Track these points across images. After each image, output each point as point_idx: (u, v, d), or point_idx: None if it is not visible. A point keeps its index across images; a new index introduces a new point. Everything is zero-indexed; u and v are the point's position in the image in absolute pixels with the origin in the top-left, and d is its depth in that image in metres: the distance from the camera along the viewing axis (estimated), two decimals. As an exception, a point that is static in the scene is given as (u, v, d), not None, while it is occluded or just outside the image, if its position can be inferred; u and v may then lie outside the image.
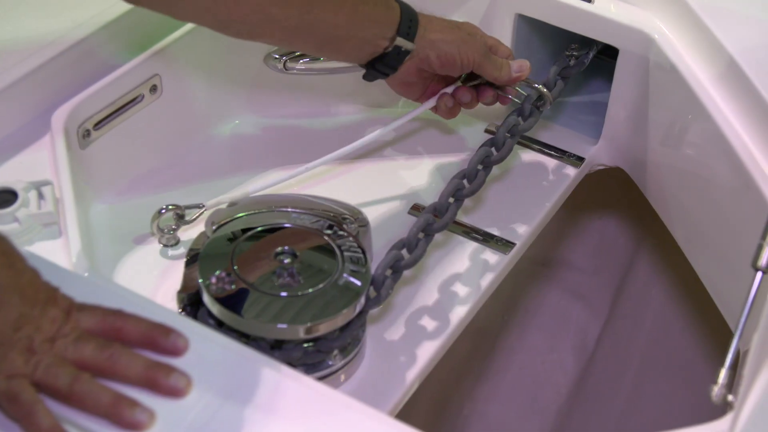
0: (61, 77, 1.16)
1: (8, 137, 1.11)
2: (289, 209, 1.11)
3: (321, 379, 1.02)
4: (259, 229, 1.08)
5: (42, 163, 1.08)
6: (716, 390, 0.89)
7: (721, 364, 0.91)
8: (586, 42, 1.34)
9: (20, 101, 1.12)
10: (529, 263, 1.69)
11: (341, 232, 1.08)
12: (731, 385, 0.90)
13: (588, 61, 1.35)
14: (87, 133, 1.16)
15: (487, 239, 1.24)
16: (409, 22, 1.13)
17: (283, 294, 1.00)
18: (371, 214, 1.17)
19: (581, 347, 1.77)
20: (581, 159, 1.37)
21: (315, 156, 1.34)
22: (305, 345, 1.00)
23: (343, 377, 1.05)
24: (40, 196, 1.03)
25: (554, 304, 1.81)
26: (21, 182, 1.03)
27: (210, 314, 1.00)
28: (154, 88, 1.24)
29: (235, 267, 1.02)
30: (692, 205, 1.24)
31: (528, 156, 1.38)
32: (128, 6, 1.07)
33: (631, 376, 1.70)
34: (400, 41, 1.12)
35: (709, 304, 1.21)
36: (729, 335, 0.95)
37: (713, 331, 1.56)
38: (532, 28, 1.38)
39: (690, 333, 1.66)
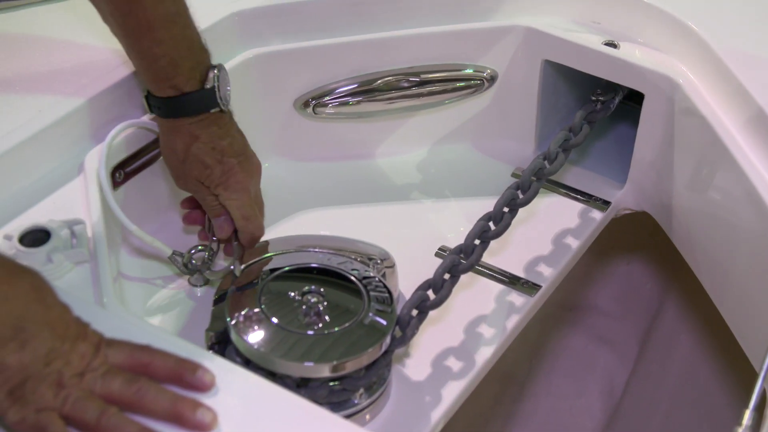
0: (95, 119, 1.18)
1: (43, 177, 1.13)
2: (317, 249, 1.13)
3: (346, 417, 1.02)
4: (287, 268, 1.09)
5: (75, 203, 1.10)
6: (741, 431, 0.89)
7: (746, 405, 0.91)
8: (612, 87, 1.35)
9: (55, 142, 1.14)
10: (555, 307, 1.70)
11: (368, 272, 1.09)
12: (756, 426, 0.90)
13: (614, 106, 1.36)
14: (119, 174, 1.18)
15: (512, 281, 1.24)
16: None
17: (310, 332, 1.01)
18: (398, 254, 1.18)
19: (609, 392, 1.76)
20: (607, 203, 1.37)
21: (343, 198, 1.36)
22: (331, 383, 1.01)
23: (368, 416, 1.05)
24: (73, 235, 1.04)
25: (581, 348, 1.80)
26: (54, 221, 1.04)
27: (237, 352, 1.02)
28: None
29: (263, 306, 1.03)
30: (718, 249, 1.24)
31: (554, 199, 1.38)
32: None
33: (658, 420, 1.69)
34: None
35: (737, 348, 1.20)
36: (755, 378, 0.95)
37: (741, 375, 1.55)
38: (558, 73, 1.39)
39: (718, 377, 1.65)
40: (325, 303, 1.04)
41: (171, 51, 1.09)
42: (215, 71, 1.12)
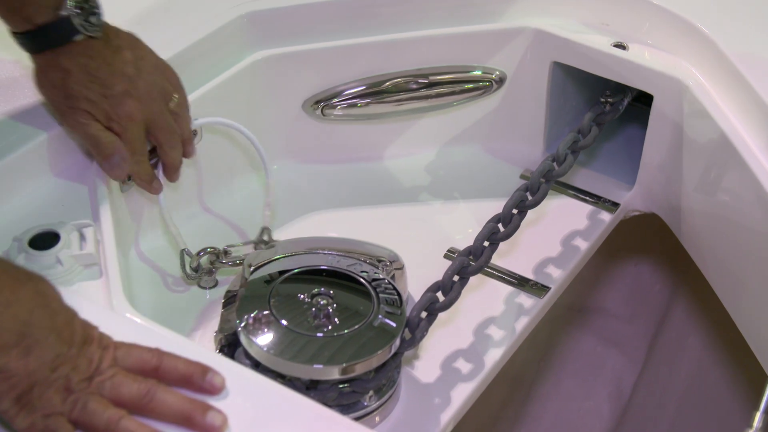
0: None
1: (52, 180, 1.13)
2: (326, 251, 1.13)
3: (356, 419, 1.02)
4: (296, 271, 1.09)
5: (84, 206, 1.10)
6: (751, 434, 0.89)
7: (756, 408, 0.91)
8: (620, 89, 1.35)
9: (64, 145, 1.14)
10: (564, 309, 1.69)
11: (377, 275, 1.09)
12: (766, 428, 0.90)
13: (623, 108, 1.36)
14: (128, 177, 1.18)
15: (521, 283, 1.24)
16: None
17: (319, 335, 1.01)
18: (407, 256, 1.17)
19: (617, 395, 1.76)
20: (616, 204, 1.37)
21: (351, 200, 1.36)
22: (340, 386, 1.01)
23: (377, 418, 1.05)
24: (82, 237, 1.04)
25: (590, 350, 1.80)
26: (63, 224, 1.04)
27: (247, 354, 1.01)
28: (193, 134, 1.25)
29: (272, 308, 1.03)
30: (728, 251, 1.24)
31: (563, 201, 1.38)
32: (171, 54, 1.08)
33: (667, 422, 1.69)
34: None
35: (747, 350, 1.20)
36: (765, 380, 0.95)
37: (751, 377, 1.55)
38: (567, 75, 1.39)
39: (727, 379, 1.65)
40: (335, 305, 1.04)
41: None
42: None
